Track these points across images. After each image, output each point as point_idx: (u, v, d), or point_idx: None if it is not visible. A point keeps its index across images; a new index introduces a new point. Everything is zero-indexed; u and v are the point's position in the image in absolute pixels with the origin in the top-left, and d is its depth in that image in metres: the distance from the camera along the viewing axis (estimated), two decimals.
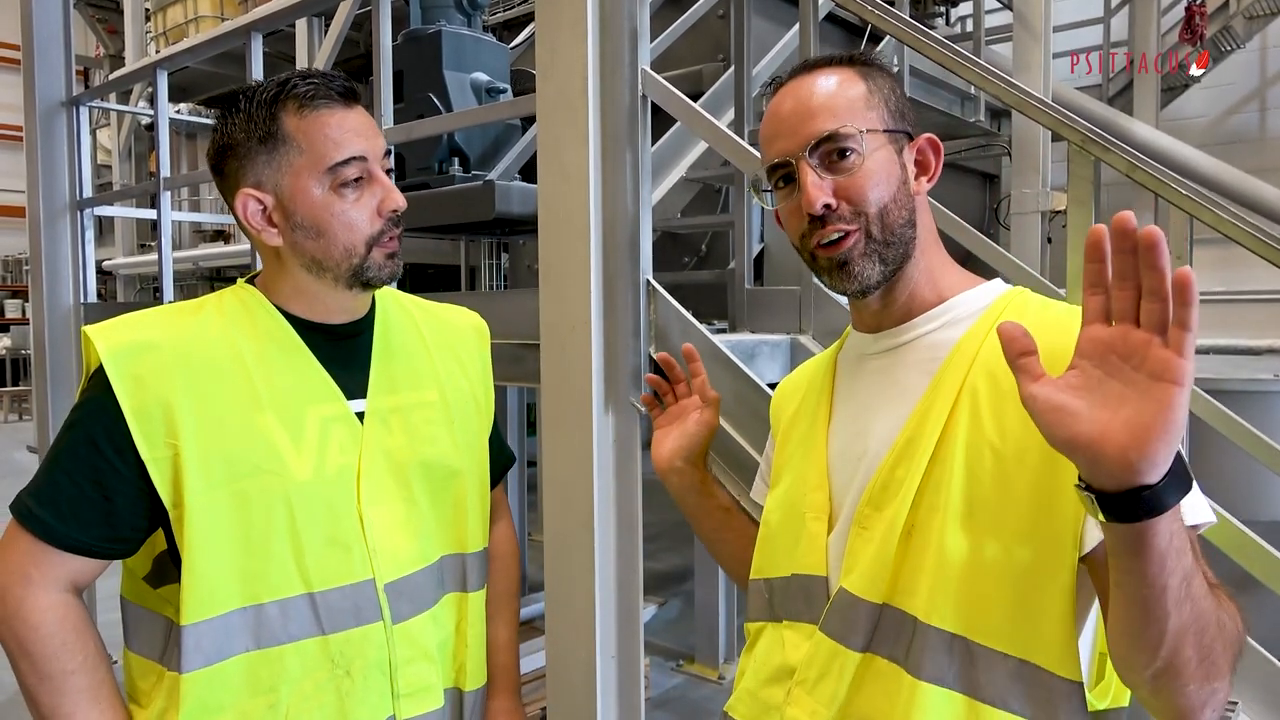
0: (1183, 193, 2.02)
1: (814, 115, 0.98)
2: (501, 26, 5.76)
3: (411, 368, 1.25)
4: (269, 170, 1.11)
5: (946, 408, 0.93)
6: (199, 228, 8.36)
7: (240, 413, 1.09)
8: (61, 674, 1.07)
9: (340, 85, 1.13)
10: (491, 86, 3.51)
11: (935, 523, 0.91)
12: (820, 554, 1.02)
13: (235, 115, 1.13)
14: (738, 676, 1.14)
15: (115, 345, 1.08)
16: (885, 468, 0.97)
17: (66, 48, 4.07)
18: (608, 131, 2.13)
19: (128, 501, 1.08)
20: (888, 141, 0.99)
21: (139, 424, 1.05)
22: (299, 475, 1.10)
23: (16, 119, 6.40)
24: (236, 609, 1.08)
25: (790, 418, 1.17)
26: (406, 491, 1.20)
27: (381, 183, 1.15)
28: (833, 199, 0.98)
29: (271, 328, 1.16)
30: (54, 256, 4.07)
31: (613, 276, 2.15)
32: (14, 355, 15.13)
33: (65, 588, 1.09)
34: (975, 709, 0.87)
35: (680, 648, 4.40)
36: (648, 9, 2.16)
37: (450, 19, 3.67)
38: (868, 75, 1.02)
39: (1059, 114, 2.09)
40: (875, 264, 0.99)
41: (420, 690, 1.19)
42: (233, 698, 1.08)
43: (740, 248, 2.84)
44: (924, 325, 1.01)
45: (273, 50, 6.29)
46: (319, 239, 1.12)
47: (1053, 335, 0.85)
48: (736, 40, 3.01)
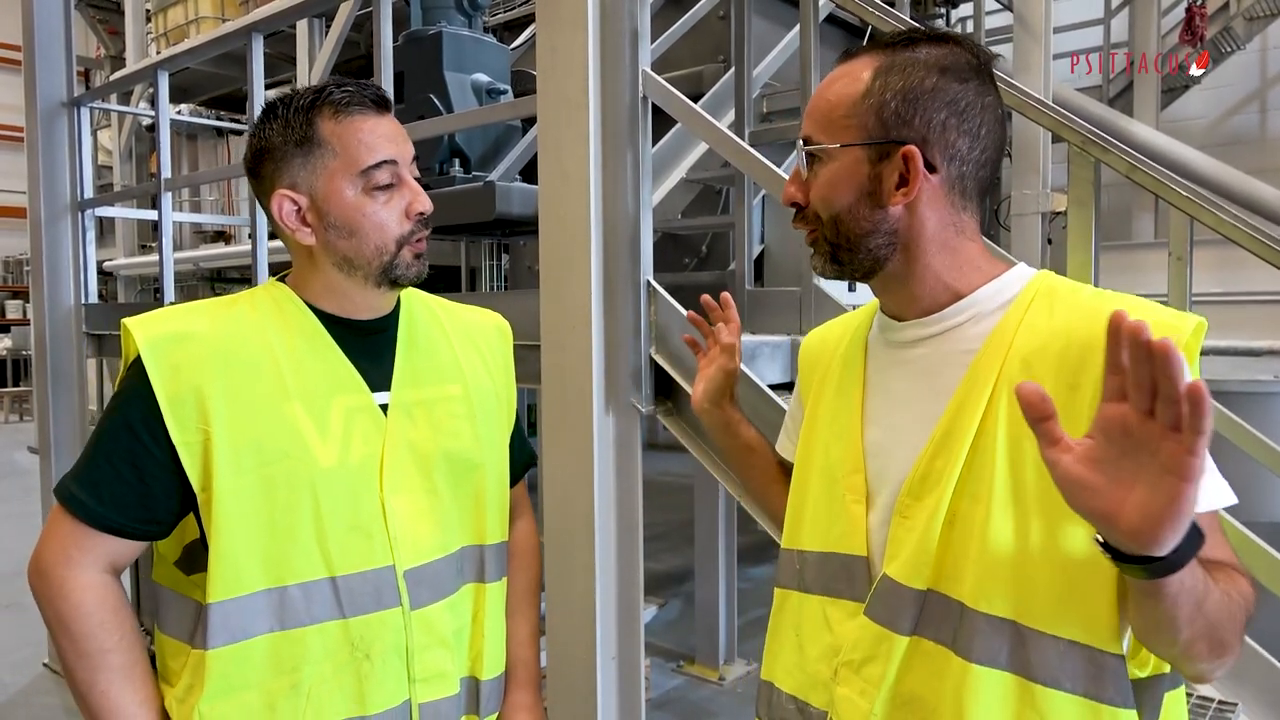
0: (1183, 194, 2.02)
1: (809, 114, 1.03)
2: (502, 27, 5.77)
3: (435, 362, 1.29)
4: (304, 172, 1.16)
5: (983, 399, 0.95)
6: (200, 229, 8.37)
7: (269, 402, 1.13)
8: (99, 652, 1.11)
9: (374, 93, 1.19)
10: (492, 87, 3.52)
11: (978, 512, 0.93)
12: (861, 536, 1.04)
13: (272, 121, 1.18)
14: (769, 639, 1.17)
15: (152, 336, 1.12)
16: (924, 459, 0.98)
17: (67, 49, 4.08)
18: (608, 132, 2.13)
19: (161, 485, 1.12)
20: (861, 153, 0.98)
21: (172, 410, 1.10)
22: (324, 462, 1.14)
23: (18, 120, 6.41)
24: (261, 590, 1.12)
25: (820, 380, 1.18)
26: (429, 482, 1.23)
27: (410, 186, 1.19)
28: (802, 198, 1.03)
29: (301, 322, 1.20)
30: (55, 257, 4.07)
31: (613, 277, 2.15)
32: (15, 356, 15.13)
33: (104, 568, 1.14)
34: (1027, 688, 0.90)
35: (680, 648, 4.40)
36: (648, 10, 2.16)
37: (451, 20, 3.68)
38: (886, 71, 0.98)
39: (1059, 115, 2.09)
40: (831, 264, 1.04)
41: (436, 676, 1.21)
42: (257, 676, 1.12)
43: (740, 249, 2.84)
44: (952, 318, 1.01)
45: (273, 51, 6.31)
46: (351, 238, 1.17)
47: (1086, 323, 0.90)
48: (737, 41, 3.00)
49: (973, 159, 0.99)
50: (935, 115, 0.96)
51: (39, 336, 4.12)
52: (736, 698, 3.99)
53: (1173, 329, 0.89)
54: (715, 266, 3.77)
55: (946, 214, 1.00)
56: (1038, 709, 0.90)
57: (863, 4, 2.30)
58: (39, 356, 4.15)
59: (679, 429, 2.17)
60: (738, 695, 4.01)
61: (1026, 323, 0.96)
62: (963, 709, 0.91)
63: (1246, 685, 1.71)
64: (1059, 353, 0.92)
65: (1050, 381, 0.90)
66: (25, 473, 9.14)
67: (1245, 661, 1.71)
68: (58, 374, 4.10)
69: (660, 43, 3.23)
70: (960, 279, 1.01)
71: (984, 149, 0.99)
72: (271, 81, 6.60)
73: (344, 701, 1.15)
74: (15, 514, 7.30)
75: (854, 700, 1.00)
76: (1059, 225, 5.17)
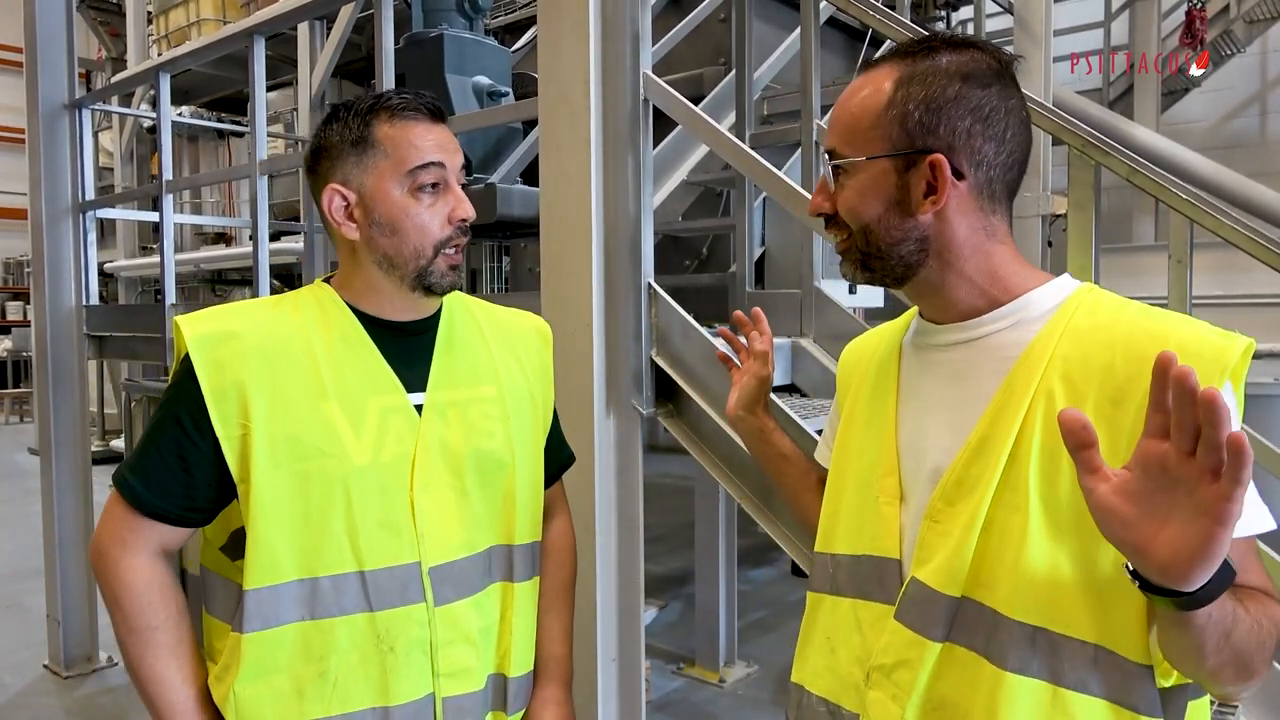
0: (1183, 197, 2.02)
1: (832, 126, 1.04)
2: (503, 30, 5.78)
3: (472, 364, 1.32)
4: (356, 170, 1.21)
5: (1021, 409, 0.94)
6: (201, 230, 8.37)
7: (307, 399, 1.18)
8: (147, 629, 1.18)
9: (429, 103, 1.24)
10: (493, 90, 3.52)
11: (1015, 522, 0.93)
12: (894, 538, 1.05)
13: (333, 122, 1.24)
14: (801, 643, 1.17)
15: (200, 333, 1.18)
16: (959, 464, 0.98)
17: (69, 50, 4.08)
18: (609, 135, 2.14)
19: (204, 474, 1.17)
20: (888, 164, 0.99)
21: (216, 405, 1.15)
22: (357, 460, 1.18)
23: (19, 121, 6.41)
24: (294, 580, 1.17)
25: (856, 389, 1.20)
26: (459, 482, 1.26)
27: (455, 193, 1.23)
28: (830, 207, 1.05)
29: (342, 323, 1.24)
30: (56, 259, 4.07)
31: (614, 279, 2.16)
32: (15, 357, 15.14)
33: (155, 551, 1.20)
34: (1057, 694, 0.91)
35: (681, 650, 4.40)
36: (649, 13, 2.16)
37: (452, 22, 3.68)
38: (908, 81, 0.99)
39: (1059, 118, 2.09)
40: (861, 270, 1.05)
41: (460, 671, 1.24)
42: (287, 661, 1.17)
43: (741, 251, 2.84)
44: (991, 324, 1.01)
45: (275, 53, 6.32)
46: (392, 236, 1.21)
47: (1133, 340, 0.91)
48: (738, 44, 3.01)
49: (999, 163, 0.99)
50: (960, 123, 0.96)
51: (40, 338, 4.13)
52: (737, 700, 3.99)
53: (1221, 350, 0.89)
54: (716, 269, 3.77)
55: (977, 218, 1.00)
56: (1068, 714, 0.91)
57: (864, 7, 2.30)
58: (39, 358, 4.15)
59: (680, 431, 2.17)
60: (738, 697, 4.01)
61: (1069, 334, 0.95)
62: (995, 715, 0.92)
63: None
64: (1104, 367, 0.91)
65: (1093, 396, 0.91)
66: (26, 474, 9.13)
67: None
68: (58, 375, 4.10)
69: (661, 45, 3.23)
70: (995, 284, 1.01)
71: (1010, 152, 0.99)
72: (273, 84, 6.62)
73: (368, 691, 1.19)
74: (15, 515, 7.30)
75: (886, 704, 1.00)
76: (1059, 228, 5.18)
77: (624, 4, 2.11)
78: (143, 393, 4.03)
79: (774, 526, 1.96)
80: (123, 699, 3.89)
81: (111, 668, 4.17)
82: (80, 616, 4.16)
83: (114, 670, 4.16)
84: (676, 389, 2.14)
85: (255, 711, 1.16)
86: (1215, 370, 0.88)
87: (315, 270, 4.74)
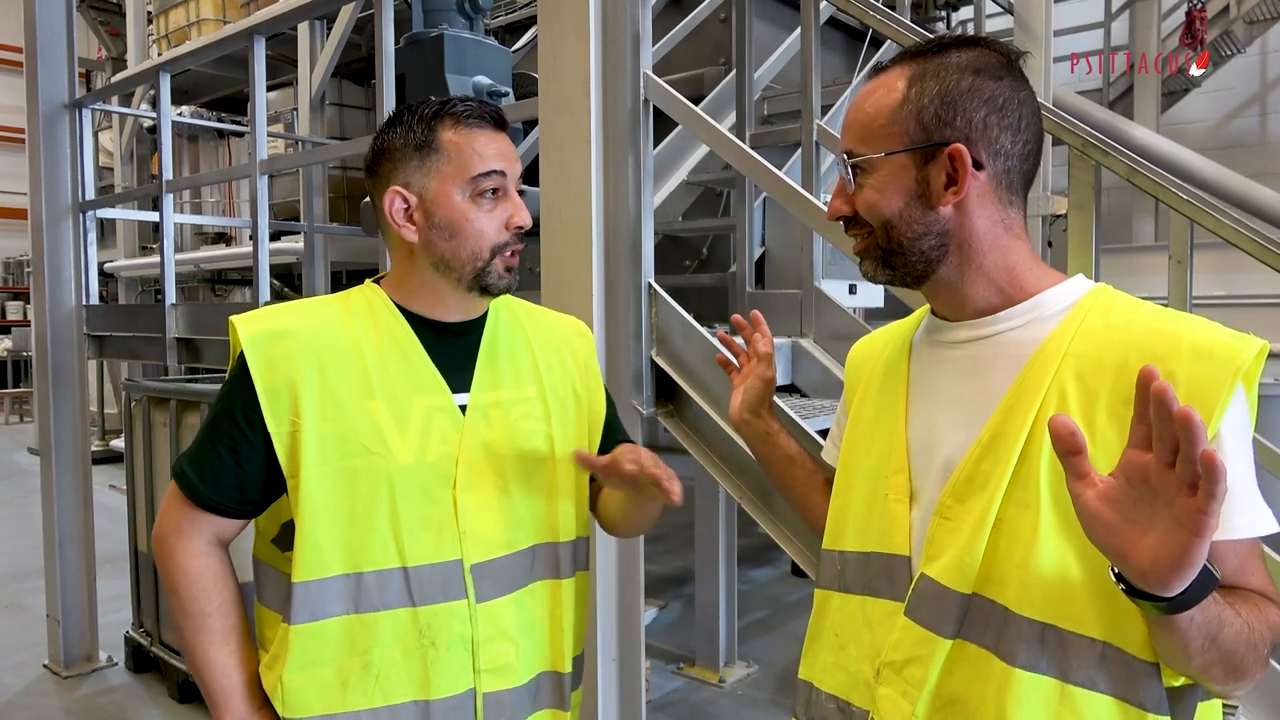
0: (1183, 197, 2.02)
1: (847, 129, 1.04)
2: (503, 30, 5.78)
3: (515, 366, 1.35)
4: (418, 174, 1.24)
5: (1033, 406, 0.95)
6: (201, 230, 8.36)
7: (355, 398, 1.22)
8: (200, 615, 1.24)
9: (493, 111, 1.27)
10: (494, 90, 3.52)
11: (1026, 519, 0.93)
12: (904, 535, 1.05)
13: (396, 126, 1.26)
14: (809, 640, 1.17)
15: (254, 332, 1.22)
16: (970, 461, 0.98)
17: (69, 50, 4.08)
18: (609, 135, 2.14)
19: (255, 469, 1.22)
20: (906, 159, 1.00)
21: (269, 402, 1.20)
22: (402, 459, 1.22)
23: (19, 121, 6.41)
24: (339, 574, 1.20)
25: (864, 388, 1.20)
26: (501, 481, 1.29)
27: (514, 200, 1.26)
28: (848, 209, 1.05)
29: (390, 323, 1.27)
30: (56, 258, 4.07)
31: (614, 279, 2.16)
32: (15, 357, 15.13)
33: (210, 540, 1.26)
34: (1066, 690, 0.92)
35: (681, 650, 4.40)
36: (649, 13, 2.16)
37: (452, 22, 3.68)
38: (920, 78, 1.00)
39: (1059, 118, 2.09)
40: (882, 268, 1.05)
41: (501, 668, 1.27)
42: (332, 653, 1.21)
43: (741, 251, 2.85)
44: (1006, 321, 1.01)
45: (275, 53, 6.32)
46: (451, 240, 1.24)
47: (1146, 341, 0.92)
48: (738, 44, 3.01)
49: (1016, 153, 1.00)
50: (975, 114, 0.97)
51: (40, 337, 4.13)
52: (737, 700, 3.99)
53: (1235, 351, 0.89)
54: (716, 269, 3.77)
55: (996, 211, 1.01)
56: (1076, 711, 0.91)
57: (864, 7, 2.30)
58: (40, 357, 4.15)
59: (680, 431, 2.17)
60: (738, 697, 4.01)
61: (1082, 333, 0.96)
62: (1005, 712, 0.92)
63: None
64: (1117, 366, 0.92)
65: (1106, 394, 0.92)
66: (25, 474, 9.14)
67: None
68: (58, 375, 4.10)
69: (661, 45, 3.23)
70: (1012, 281, 1.02)
71: (1026, 141, 1.00)
72: (273, 83, 6.61)
73: (410, 685, 1.22)
74: (15, 515, 7.30)
75: (896, 701, 1.01)
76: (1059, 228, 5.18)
77: (624, 4, 2.11)
78: (143, 392, 4.03)
79: (774, 526, 1.96)
80: (122, 699, 3.89)
81: (111, 668, 4.18)
82: (80, 616, 4.16)
83: (114, 670, 4.16)
84: (676, 389, 2.14)
85: (301, 701, 1.21)
86: (1228, 372, 0.88)
87: (315, 270, 4.74)
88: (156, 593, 3.95)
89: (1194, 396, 0.87)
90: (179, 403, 3.78)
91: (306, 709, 1.21)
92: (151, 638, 4.01)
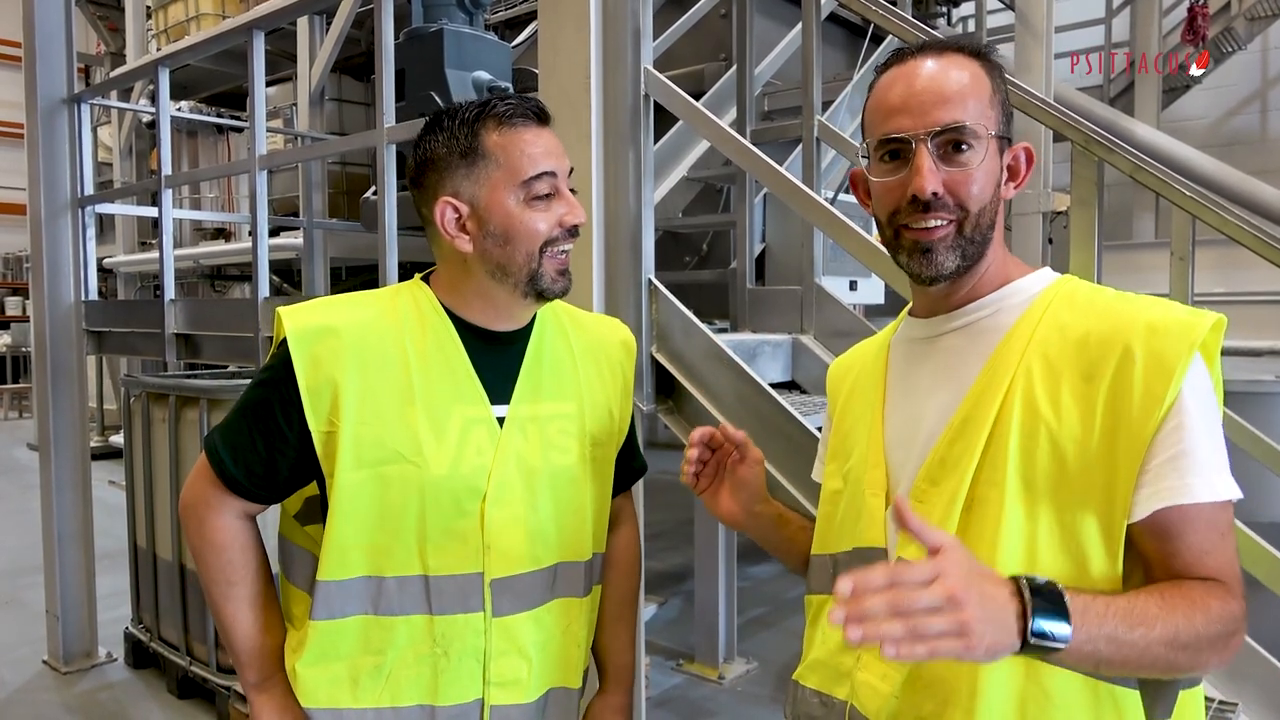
0: (1185, 193, 2.02)
1: (947, 101, 0.99)
2: (503, 25, 5.76)
3: (557, 379, 1.33)
4: (467, 182, 1.21)
5: (1002, 388, 0.97)
6: (200, 225, 8.36)
7: (395, 403, 1.20)
8: (226, 583, 1.26)
9: (535, 106, 1.24)
10: (493, 85, 3.51)
11: (994, 496, 0.96)
12: (879, 527, 1.06)
13: (437, 133, 1.23)
14: (805, 648, 1.18)
15: (300, 327, 1.21)
16: (942, 444, 1.01)
17: (68, 45, 4.07)
18: (610, 130, 2.13)
19: (286, 462, 1.23)
20: (997, 145, 1.02)
21: (311, 401, 1.18)
22: (435, 470, 1.20)
23: (18, 116, 6.40)
24: (362, 576, 1.21)
25: (845, 399, 1.21)
26: (531, 497, 1.27)
27: (566, 198, 1.23)
28: (941, 188, 0.99)
29: (437, 328, 1.25)
30: (55, 254, 4.06)
31: (614, 275, 2.15)
32: (14, 352, 15.12)
33: (238, 514, 1.27)
34: (1033, 666, 0.93)
35: (680, 647, 4.39)
36: (650, 8, 2.15)
37: (452, 17, 3.67)
38: (993, 74, 1.02)
39: (1061, 114, 2.09)
40: (956, 257, 1.01)
41: (511, 682, 1.26)
42: (347, 651, 1.22)
43: (742, 247, 2.84)
44: (976, 311, 1.05)
45: (274, 48, 6.30)
46: (506, 245, 1.21)
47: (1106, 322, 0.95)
48: (739, 39, 3.00)
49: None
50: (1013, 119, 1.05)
51: (39, 333, 4.12)
52: (736, 696, 3.99)
53: (1189, 326, 0.92)
54: (716, 265, 3.77)
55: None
56: (1043, 686, 0.93)
57: (865, 3, 2.29)
58: (39, 353, 4.14)
59: (680, 427, 2.17)
60: (737, 694, 4.01)
61: (1049, 318, 0.99)
62: (975, 687, 0.94)
63: (1247, 685, 1.71)
64: (1078, 343, 0.95)
65: (1068, 373, 0.95)
66: (25, 469, 9.14)
67: (1245, 661, 1.71)
68: (57, 371, 4.10)
69: (662, 41, 3.22)
70: (1003, 269, 1.06)
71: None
72: (272, 79, 6.60)
73: (418, 690, 1.23)
74: (14, 511, 7.30)
75: (874, 685, 1.03)
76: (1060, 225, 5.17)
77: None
78: (142, 388, 4.02)
79: None
80: (122, 695, 3.89)
81: (110, 663, 4.17)
82: (79, 612, 4.16)
83: (113, 666, 4.16)
84: (676, 385, 2.13)
85: (313, 693, 1.23)
86: (1183, 345, 0.91)
87: (315, 266, 4.73)
88: (156, 589, 3.94)
89: (1152, 369, 0.90)
90: (178, 398, 3.77)
91: (317, 701, 1.23)
92: (151, 634, 4.00)
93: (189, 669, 3.72)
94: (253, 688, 1.29)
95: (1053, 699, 0.93)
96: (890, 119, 1.01)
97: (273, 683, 1.27)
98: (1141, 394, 0.90)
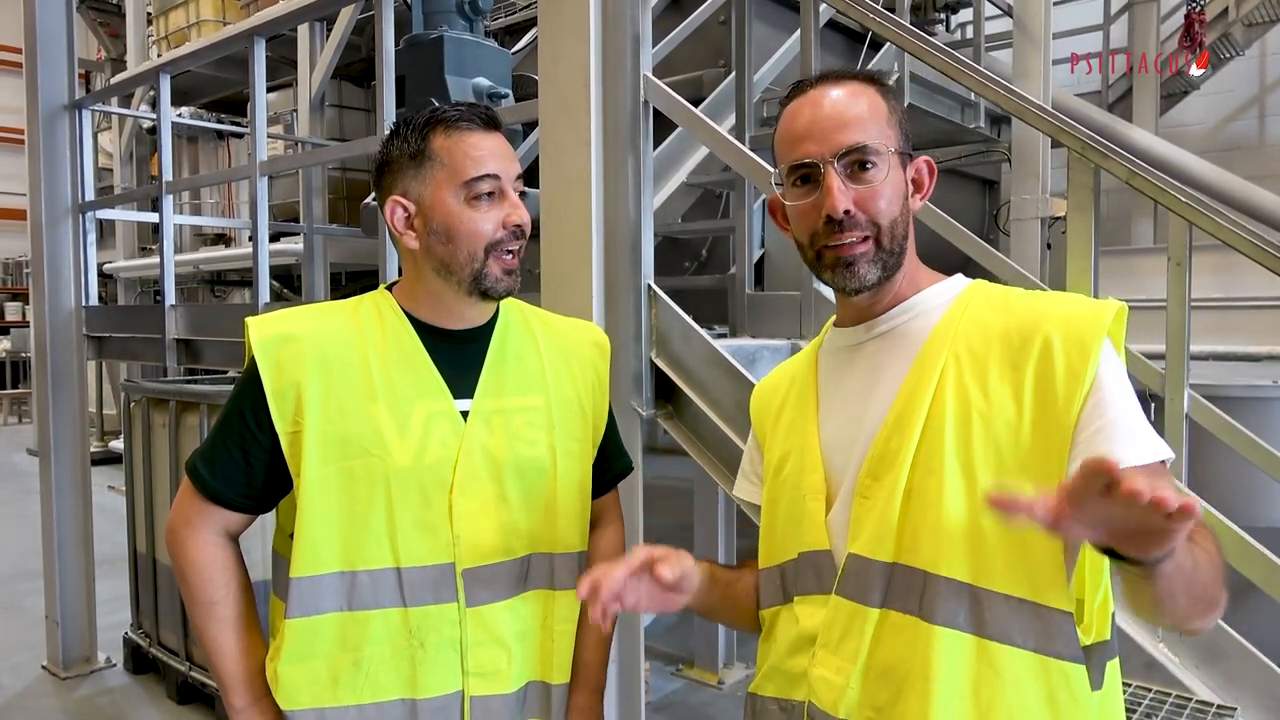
0: (1182, 199, 2.02)
1: (847, 125, 1.06)
2: (503, 32, 5.78)
3: (521, 374, 1.36)
4: (415, 182, 1.27)
5: (932, 382, 1.03)
6: (200, 231, 8.36)
7: (357, 401, 1.25)
8: (208, 603, 1.29)
9: (483, 113, 1.29)
10: (493, 91, 3.52)
11: (932, 484, 1.00)
12: (821, 530, 1.09)
13: (395, 139, 1.30)
14: (759, 663, 1.19)
15: (264, 335, 1.27)
16: (880, 441, 1.05)
17: (69, 51, 4.09)
18: (609, 137, 2.14)
19: (261, 466, 1.27)
20: (899, 161, 1.08)
21: (276, 403, 1.23)
22: (399, 460, 1.24)
23: (19, 122, 6.41)
24: (335, 572, 1.24)
25: (775, 414, 1.24)
26: (499, 488, 1.30)
27: (510, 199, 1.27)
28: (852, 206, 1.05)
29: (397, 329, 1.30)
30: (55, 259, 4.07)
31: (614, 281, 2.16)
32: (14, 358, 15.12)
33: (219, 532, 1.30)
34: (984, 646, 0.97)
35: (680, 652, 4.40)
36: (649, 14, 2.16)
37: (452, 24, 3.68)
38: (887, 96, 1.10)
39: (1058, 121, 2.10)
40: (878, 269, 1.08)
41: (490, 672, 1.28)
42: (325, 648, 1.24)
43: (741, 253, 2.85)
44: (900, 315, 1.11)
45: (275, 55, 6.31)
46: (448, 244, 1.25)
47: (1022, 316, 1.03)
48: (738, 46, 3.02)
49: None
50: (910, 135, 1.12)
51: (39, 338, 4.12)
52: (736, 701, 3.99)
53: (1097, 314, 1.00)
54: (715, 270, 3.77)
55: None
56: (994, 665, 0.97)
57: (864, 10, 2.30)
58: (39, 358, 4.15)
59: (679, 432, 2.18)
60: (737, 699, 4.01)
61: (969, 316, 1.06)
62: (929, 671, 0.97)
63: (1245, 689, 1.72)
64: (1001, 337, 1.03)
65: (995, 362, 1.02)
66: (24, 475, 9.13)
67: (1243, 666, 1.71)
68: (57, 376, 4.10)
69: (661, 47, 3.23)
70: (917, 277, 1.13)
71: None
72: (273, 85, 6.61)
73: (398, 683, 1.25)
74: (14, 516, 7.30)
75: (830, 679, 1.05)
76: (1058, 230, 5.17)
77: (624, 5, 2.12)
78: (142, 393, 4.03)
79: None
80: (121, 700, 3.89)
81: (110, 669, 4.17)
82: (79, 617, 4.16)
83: (112, 671, 4.16)
84: (676, 390, 2.14)
85: (294, 693, 1.24)
86: (1096, 330, 0.99)
87: (315, 271, 4.74)
88: (155, 594, 3.94)
89: (1072, 352, 0.98)
90: (178, 404, 3.77)
91: (299, 701, 1.24)
92: (150, 639, 4.00)
93: (188, 674, 3.72)
94: (238, 713, 1.30)
95: (1004, 677, 0.96)
96: (798, 145, 1.07)
97: (260, 708, 1.29)
98: (1064, 375, 0.97)
